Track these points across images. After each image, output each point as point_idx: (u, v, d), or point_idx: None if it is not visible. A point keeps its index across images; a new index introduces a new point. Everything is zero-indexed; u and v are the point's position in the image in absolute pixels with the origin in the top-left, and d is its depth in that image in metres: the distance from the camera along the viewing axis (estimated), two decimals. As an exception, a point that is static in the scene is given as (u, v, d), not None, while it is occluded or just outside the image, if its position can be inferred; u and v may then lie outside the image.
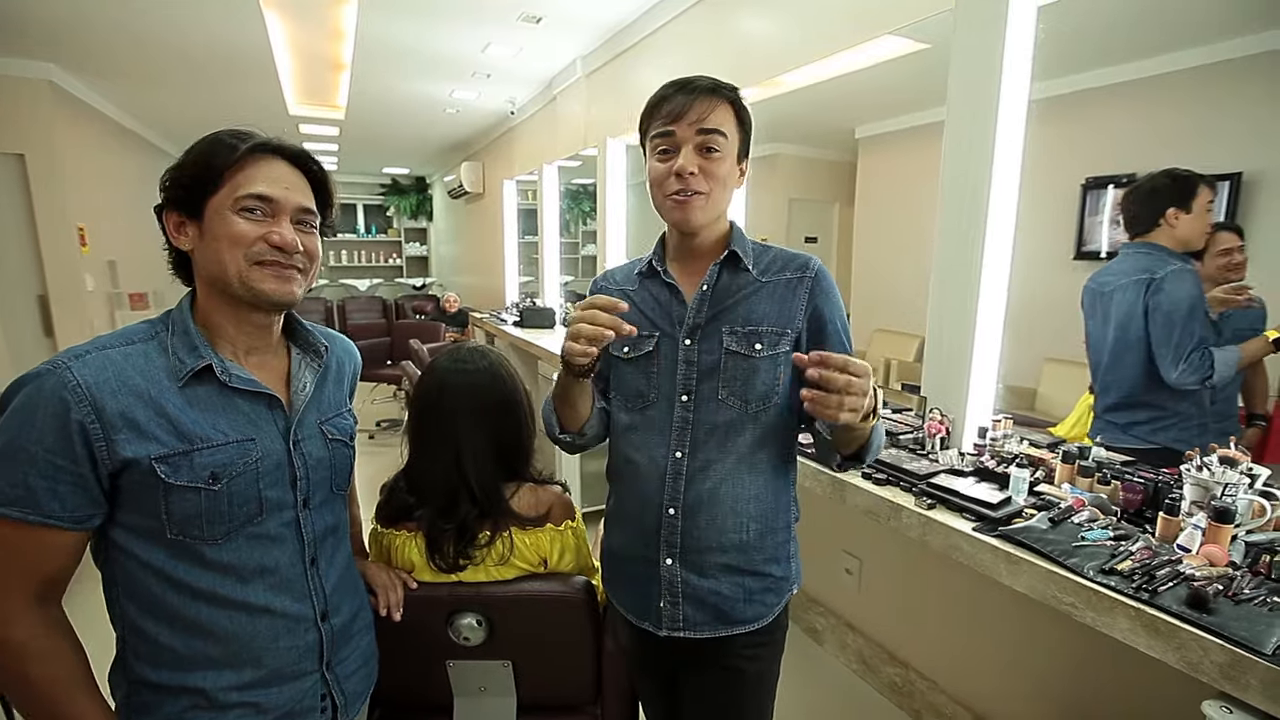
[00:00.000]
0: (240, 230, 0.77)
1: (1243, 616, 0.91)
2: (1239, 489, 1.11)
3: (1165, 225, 1.72)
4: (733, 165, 0.96)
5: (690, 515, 0.97)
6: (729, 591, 0.98)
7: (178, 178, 0.78)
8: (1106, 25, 2.62)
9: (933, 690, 1.80)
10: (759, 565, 0.99)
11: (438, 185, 9.06)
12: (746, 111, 0.97)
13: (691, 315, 0.98)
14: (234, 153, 0.77)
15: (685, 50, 2.85)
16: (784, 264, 1.00)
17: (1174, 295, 1.64)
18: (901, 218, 4.76)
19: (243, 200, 0.77)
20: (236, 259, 0.77)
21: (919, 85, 3.70)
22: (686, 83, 0.94)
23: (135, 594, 0.77)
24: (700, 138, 0.92)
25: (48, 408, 0.70)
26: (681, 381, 0.98)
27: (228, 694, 0.80)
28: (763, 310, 0.97)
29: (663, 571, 0.99)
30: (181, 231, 0.79)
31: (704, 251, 1.01)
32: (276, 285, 0.80)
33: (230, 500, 0.78)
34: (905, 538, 1.64)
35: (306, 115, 5.22)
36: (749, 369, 0.96)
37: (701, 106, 0.92)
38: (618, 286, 1.09)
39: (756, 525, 0.99)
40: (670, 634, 0.99)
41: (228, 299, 0.80)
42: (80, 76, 4.06)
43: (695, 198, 0.93)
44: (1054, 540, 1.13)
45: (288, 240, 0.79)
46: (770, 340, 0.96)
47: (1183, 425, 1.70)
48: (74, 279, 4.01)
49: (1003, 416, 1.57)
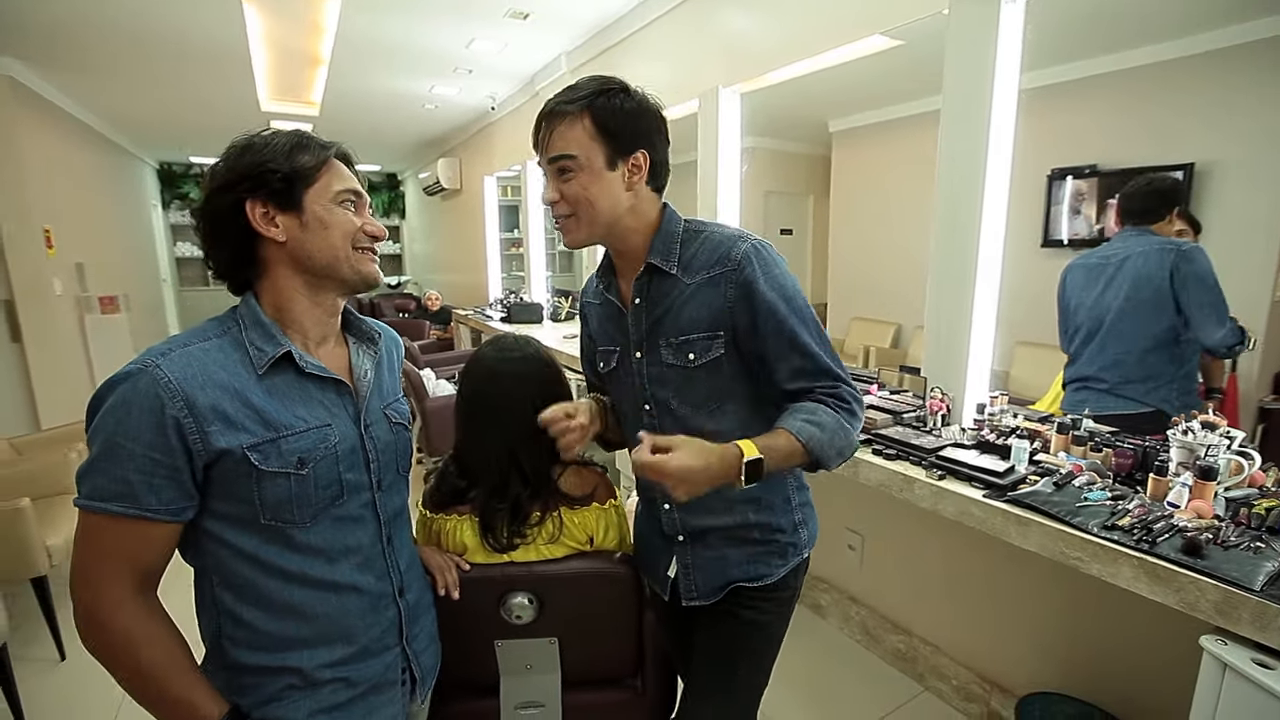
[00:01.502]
0: (350, 221, 0.85)
1: (1232, 560, 1.02)
2: (1219, 450, 1.23)
3: (1167, 221, 1.91)
4: (601, 177, 0.92)
5: (683, 507, 1.04)
6: (733, 555, 1.06)
7: (271, 171, 0.80)
8: (1071, 22, 2.76)
9: (935, 654, 1.91)
10: (757, 534, 1.06)
11: (411, 182, 8.94)
12: (613, 112, 0.91)
13: (632, 329, 1.02)
14: (321, 154, 0.84)
15: (671, 47, 2.90)
16: (707, 259, 0.96)
17: (1206, 265, 1.78)
18: (875, 209, 4.91)
19: (342, 195, 0.85)
20: (346, 246, 0.85)
21: (892, 81, 3.84)
22: (545, 105, 0.93)
23: (230, 582, 0.80)
24: (552, 166, 0.93)
25: (143, 405, 0.72)
26: (639, 393, 1.03)
27: (321, 671, 0.84)
28: (690, 317, 0.96)
29: (675, 549, 1.09)
30: (270, 222, 0.81)
31: (634, 259, 1.00)
32: (373, 269, 0.89)
33: (316, 484, 0.81)
34: (907, 511, 1.75)
35: (278, 112, 5.10)
36: (688, 378, 0.98)
37: (545, 134, 0.93)
38: (591, 300, 1.14)
39: (746, 504, 1.04)
40: (688, 603, 1.09)
41: (311, 286, 0.85)
42: (43, 73, 3.92)
43: (567, 221, 0.96)
44: (1059, 502, 1.23)
45: (381, 229, 0.89)
46: (702, 348, 0.96)
47: (1169, 388, 1.87)
48: (41, 283, 3.88)
49: (998, 393, 1.68)
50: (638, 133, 0.93)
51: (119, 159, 6.06)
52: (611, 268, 1.06)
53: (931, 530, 1.88)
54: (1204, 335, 1.79)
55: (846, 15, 2.02)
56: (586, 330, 1.18)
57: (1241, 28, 2.76)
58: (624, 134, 0.92)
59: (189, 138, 6.29)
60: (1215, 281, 1.78)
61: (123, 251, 5.88)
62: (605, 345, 1.08)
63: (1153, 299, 1.83)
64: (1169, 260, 1.81)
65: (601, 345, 1.10)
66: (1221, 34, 2.82)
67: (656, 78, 2.97)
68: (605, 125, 0.91)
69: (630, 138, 0.93)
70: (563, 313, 4.48)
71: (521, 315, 4.41)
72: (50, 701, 1.94)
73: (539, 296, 4.82)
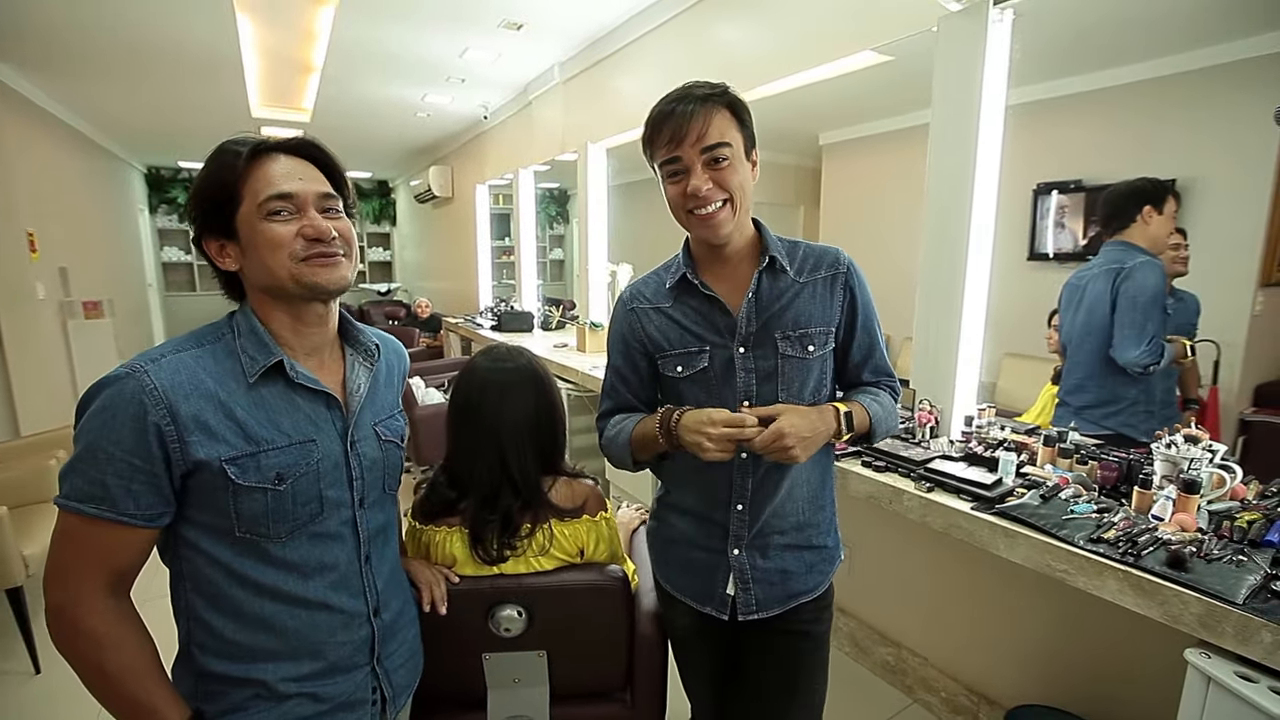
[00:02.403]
0: (276, 234, 0.78)
1: (1215, 573, 1.03)
2: (1202, 463, 1.25)
3: (1140, 222, 1.86)
4: (744, 166, 0.97)
5: (756, 508, 1.04)
6: (793, 567, 1.07)
7: (200, 203, 0.79)
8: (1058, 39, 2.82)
9: (924, 666, 1.91)
10: (814, 539, 1.08)
11: (402, 189, 8.92)
12: (743, 107, 0.97)
13: (743, 325, 1.01)
14: (238, 161, 0.78)
15: (664, 60, 2.92)
16: (817, 262, 1.04)
17: (1141, 283, 1.78)
18: (865, 221, 4.96)
19: (266, 205, 0.77)
20: (283, 262, 0.78)
21: (883, 95, 3.89)
22: (680, 97, 0.94)
23: (202, 589, 0.80)
24: (705, 155, 0.93)
25: (127, 410, 0.72)
26: (743, 389, 1.01)
27: (287, 685, 0.82)
28: (809, 312, 1.02)
29: (732, 561, 1.05)
30: (224, 254, 0.81)
31: (736, 257, 1.03)
32: (326, 273, 0.81)
33: (294, 500, 0.80)
34: (896, 523, 1.76)
35: (270, 118, 5.09)
36: (805, 370, 1.02)
37: (698, 123, 0.92)
38: (652, 305, 1.07)
39: (809, 504, 1.07)
40: (746, 618, 1.05)
41: (283, 303, 0.82)
42: (30, 77, 3.88)
43: (718, 211, 0.95)
44: (1046, 515, 1.24)
45: (322, 229, 0.80)
46: (820, 340, 1.02)
47: (1130, 412, 1.86)
48: (24, 286, 3.82)
49: (986, 406, 1.69)
50: (753, 133, 1.00)
51: (106, 163, 6.00)
52: (695, 266, 1.05)
53: (920, 542, 1.89)
54: (1119, 352, 1.79)
55: (838, 31, 2.04)
56: (634, 338, 1.08)
57: (1223, 47, 2.83)
58: (751, 129, 0.99)
59: (178, 142, 6.24)
60: (1149, 299, 1.77)
61: (108, 256, 5.81)
62: (687, 347, 1.03)
63: (1101, 325, 1.84)
64: (1111, 280, 1.81)
65: (679, 349, 1.04)
66: (1204, 53, 2.89)
67: (649, 89, 3.00)
68: (741, 118, 0.97)
69: (753, 134, 0.99)
70: (553, 322, 4.47)
71: (512, 324, 4.40)
72: (24, 716, 1.90)
73: (530, 305, 4.82)
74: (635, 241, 5.03)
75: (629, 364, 1.11)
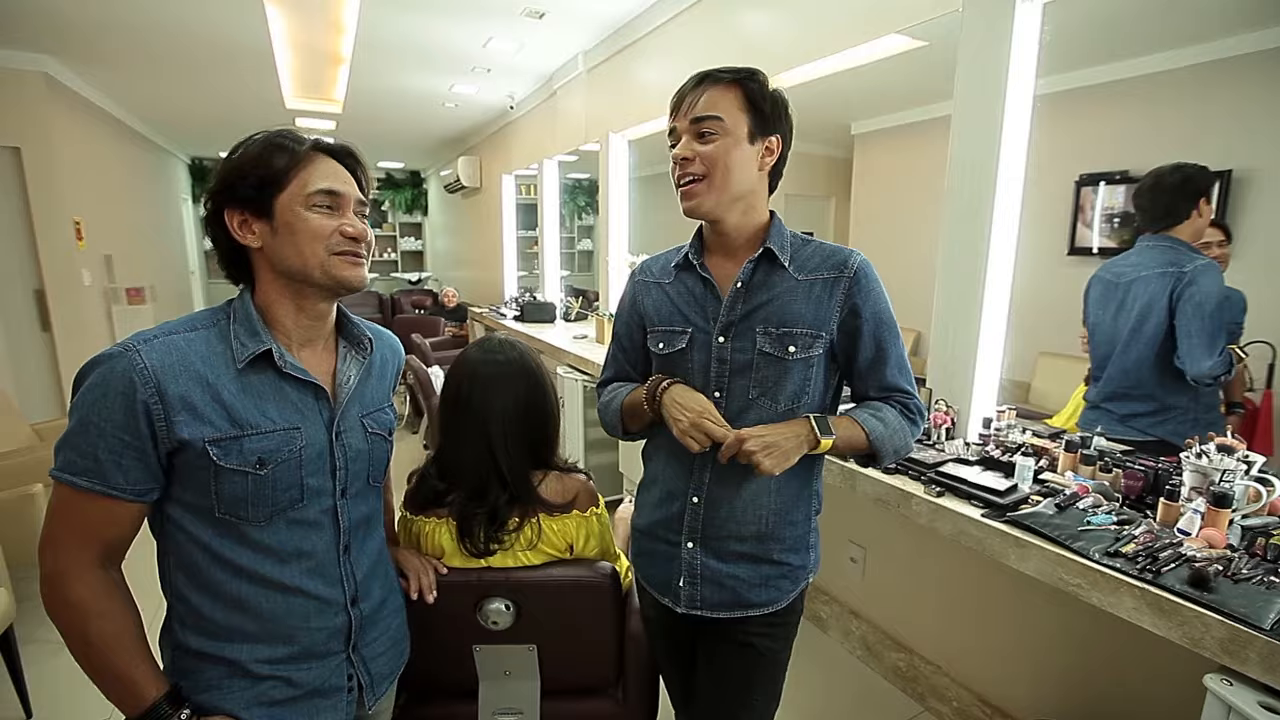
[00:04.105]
0: (319, 224, 0.82)
1: (1241, 595, 0.96)
2: (1236, 475, 1.16)
3: (1195, 216, 1.71)
4: (739, 147, 0.94)
5: (712, 505, 1.02)
6: (745, 575, 1.02)
7: (242, 176, 0.81)
8: (1101, 23, 2.67)
9: (937, 674, 1.85)
10: (775, 554, 1.03)
11: (433, 179, 9.04)
12: (760, 91, 0.96)
13: (725, 312, 0.99)
14: (295, 153, 0.82)
15: (688, 47, 2.87)
16: (822, 261, 0.99)
17: (1207, 289, 1.64)
18: (896, 213, 4.81)
19: (314, 197, 0.82)
20: (318, 251, 0.82)
21: (916, 82, 3.75)
22: (692, 77, 0.97)
23: (184, 566, 0.82)
24: (694, 126, 0.94)
25: (117, 387, 0.74)
26: (714, 379, 1.00)
27: (260, 666, 0.84)
28: (797, 311, 0.97)
29: (683, 554, 1.04)
30: (246, 229, 0.82)
31: (740, 245, 1.01)
32: (353, 272, 0.85)
33: (274, 485, 0.82)
34: (910, 525, 1.69)
35: (303, 109, 5.19)
36: (781, 370, 0.97)
37: (694, 96, 0.95)
38: (654, 280, 1.10)
39: (775, 517, 1.02)
40: (688, 611, 1.05)
41: (293, 290, 0.84)
42: (76, 69, 4.03)
43: (696, 184, 0.95)
44: (1060, 525, 1.18)
45: (360, 230, 0.85)
46: (804, 343, 0.96)
47: (1180, 419, 1.74)
48: (71, 273, 4.00)
49: (1006, 408, 1.62)
50: (777, 118, 0.98)
51: (151, 154, 6.21)
52: (702, 250, 1.05)
53: (934, 546, 1.82)
54: (1190, 364, 1.65)
55: (862, 14, 1.97)
56: (634, 310, 1.12)
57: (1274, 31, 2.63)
58: (768, 114, 0.96)
59: (218, 134, 6.42)
60: (1215, 307, 1.64)
61: (151, 244, 6.03)
62: (672, 326, 1.04)
63: (1156, 331, 1.70)
64: (1170, 286, 1.67)
65: (664, 326, 1.05)
66: (1262, 36, 2.69)
67: (671, 78, 2.95)
68: (753, 100, 0.95)
69: (772, 120, 0.97)
70: (572, 313, 4.47)
71: (534, 314, 4.41)
72: (58, 682, 1.99)
73: (553, 296, 4.82)
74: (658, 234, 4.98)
75: (628, 334, 1.14)
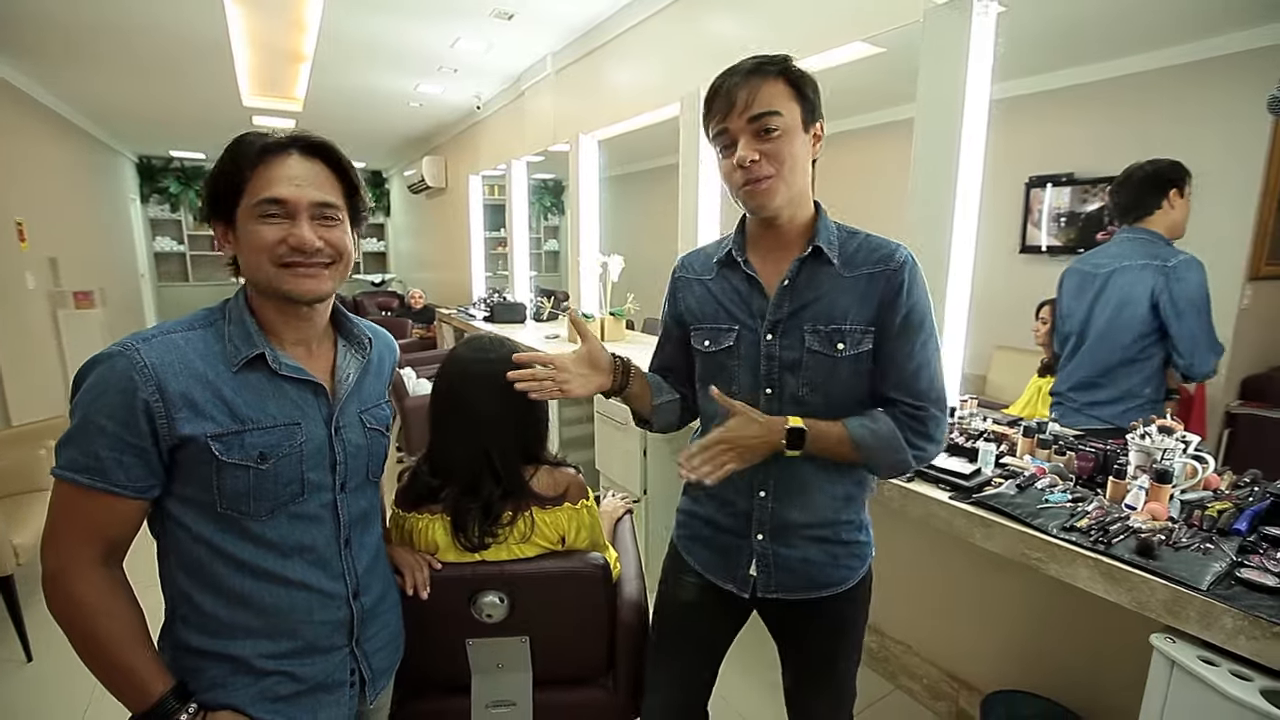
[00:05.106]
0: (262, 237, 0.80)
1: (1182, 561, 1.05)
2: (1175, 454, 1.27)
3: (1166, 208, 1.69)
4: (799, 138, 0.93)
5: (781, 499, 1.02)
6: (817, 558, 1.04)
7: (212, 189, 0.82)
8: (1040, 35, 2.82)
9: (907, 654, 1.94)
10: (844, 534, 1.05)
11: (396, 179, 8.88)
12: (804, 78, 0.94)
13: (772, 310, 0.98)
14: (251, 153, 0.79)
15: (655, 50, 2.92)
16: (868, 255, 0.97)
17: (1197, 284, 1.62)
18: (857, 214, 4.86)
19: (259, 206, 0.79)
20: (263, 264, 0.81)
21: (874, 87, 3.87)
22: (733, 70, 0.93)
23: (186, 564, 0.82)
24: (753, 125, 0.90)
25: (117, 386, 0.75)
26: (764, 377, 0.99)
27: (264, 661, 0.85)
28: (845, 306, 0.95)
29: (755, 546, 1.05)
30: (226, 239, 0.83)
31: (786, 240, 0.99)
32: (300, 284, 0.82)
33: (276, 479, 0.82)
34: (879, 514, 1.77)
35: (261, 107, 5.05)
36: (831, 367, 0.96)
37: (746, 93, 0.90)
38: (695, 276, 1.09)
39: (842, 501, 1.04)
40: (764, 596, 1.06)
41: (269, 297, 0.85)
42: (18, 64, 3.85)
43: (765, 182, 0.92)
44: (1021, 504, 1.27)
45: (305, 240, 0.81)
46: (853, 339, 0.95)
47: (1141, 407, 1.74)
48: (13, 276, 3.82)
49: (968, 397, 1.71)
50: (819, 102, 0.95)
51: (96, 152, 5.96)
52: (744, 244, 1.03)
53: (902, 531, 1.91)
54: (1198, 364, 1.63)
55: (828, 21, 2.05)
56: (675, 306, 1.12)
57: (1215, 41, 2.83)
58: (813, 100, 0.94)
59: (170, 132, 6.19)
60: (1208, 301, 1.63)
61: (99, 245, 5.78)
62: (719, 323, 1.03)
63: (1131, 322, 1.68)
64: (1152, 282, 1.64)
65: (710, 323, 1.05)
66: (1196, 47, 2.89)
67: (640, 80, 2.99)
68: (799, 87, 0.93)
69: (817, 105, 0.95)
70: (544, 313, 4.47)
71: (504, 315, 4.40)
72: (16, 702, 1.91)
73: (522, 296, 4.82)
74: (628, 233, 5.03)
75: (666, 331, 1.17)
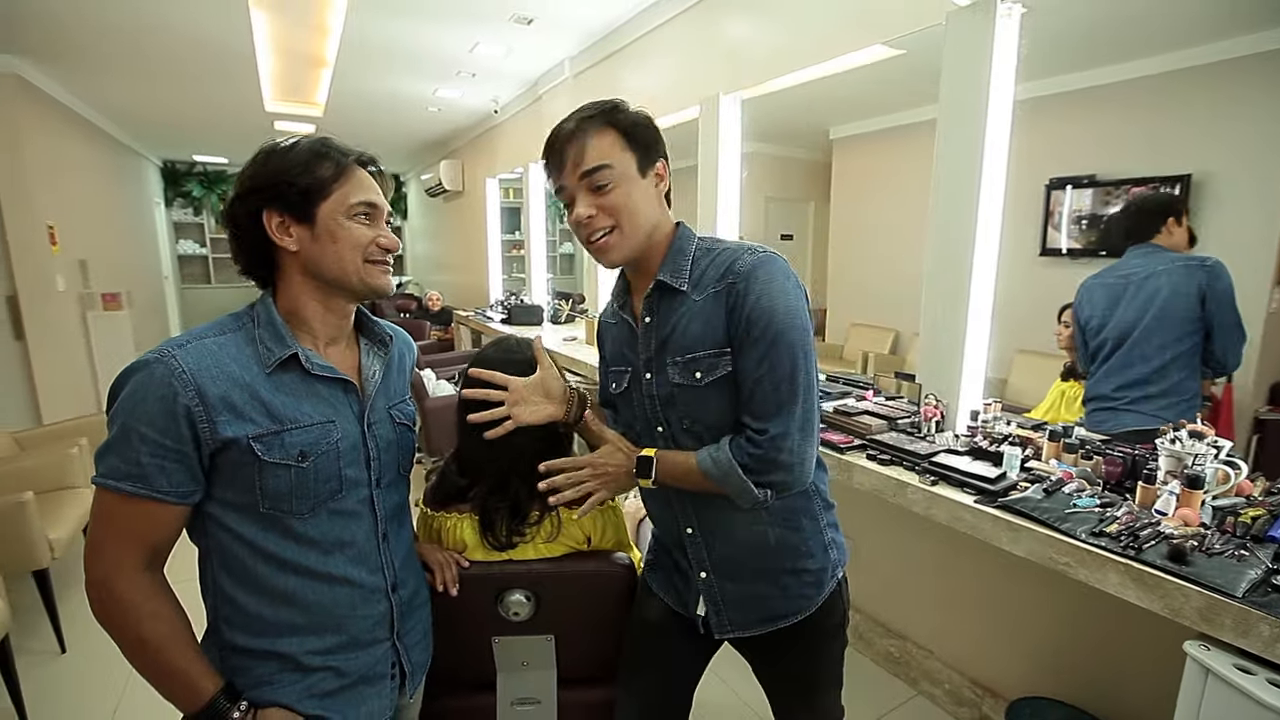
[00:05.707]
0: (361, 234, 0.87)
1: (1216, 567, 1.04)
2: (1207, 459, 1.25)
3: (1165, 233, 1.93)
4: (636, 185, 0.92)
5: (708, 534, 1.02)
6: (767, 591, 1.01)
7: (288, 183, 0.83)
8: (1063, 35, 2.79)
9: (928, 658, 1.93)
10: (789, 564, 1.01)
11: (413, 183, 8.98)
12: (635, 125, 0.93)
13: (642, 349, 0.99)
14: (340, 164, 0.86)
15: (673, 54, 2.93)
16: (715, 273, 0.93)
17: (1230, 283, 1.78)
18: (875, 216, 4.93)
19: (356, 207, 0.87)
20: (356, 259, 0.87)
21: (893, 89, 3.87)
22: (560, 126, 0.94)
23: (229, 566, 0.84)
24: (585, 180, 0.91)
25: (157, 393, 0.76)
26: (650, 415, 1.01)
27: (311, 658, 0.87)
28: (695, 334, 0.93)
29: (699, 585, 1.04)
30: (284, 231, 0.85)
31: (648, 276, 0.98)
32: (385, 279, 0.90)
33: (315, 477, 0.84)
34: (899, 515, 1.77)
35: (282, 112, 5.14)
36: (701, 398, 0.94)
37: (574, 150, 0.90)
38: (606, 319, 1.12)
39: (776, 530, 0.99)
40: (720, 636, 1.05)
41: (322, 293, 0.88)
42: (50, 72, 3.95)
43: (607, 237, 0.93)
44: (1049, 509, 1.25)
45: (394, 242, 0.92)
46: (708, 365, 0.92)
47: (1185, 404, 1.83)
48: (44, 279, 3.90)
49: (992, 400, 1.70)
50: (655, 141, 0.95)
51: (123, 157, 6.08)
52: (627, 287, 1.05)
53: (924, 535, 1.90)
54: (1232, 355, 1.79)
55: (847, 25, 2.04)
56: (602, 351, 1.15)
57: (1239, 41, 2.79)
58: (646, 142, 0.93)
59: (193, 136, 6.31)
60: (1234, 301, 1.78)
61: (126, 248, 5.90)
62: (617, 366, 1.06)
63: (1181, 318, 1.80)
64: (1198, 278, 1.79)
65: (614, 366, 1.08)
66: (1220, 47, 2.85)
67: (658, 84, 3.00)
68: (629, 134, 0.92)
69: (652, 146, 0.95)
70: (563, 315, 4.50)
71: (522, 317, 4.43)
72: (51, 693, 1.96)
73: (539, 298, 4.84)
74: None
75: (600, 372, 1.17)
